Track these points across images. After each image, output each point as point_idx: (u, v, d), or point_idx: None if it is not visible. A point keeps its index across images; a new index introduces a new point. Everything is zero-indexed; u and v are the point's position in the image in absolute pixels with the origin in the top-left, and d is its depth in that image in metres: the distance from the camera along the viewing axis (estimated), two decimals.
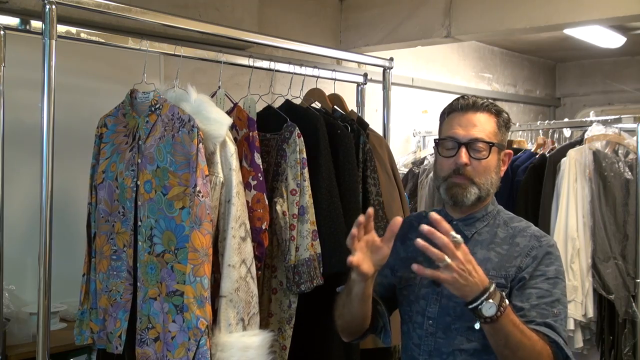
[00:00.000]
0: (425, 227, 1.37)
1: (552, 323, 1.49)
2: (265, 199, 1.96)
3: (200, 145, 1.78)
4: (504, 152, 1.67)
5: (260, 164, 1.97)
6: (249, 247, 1.86)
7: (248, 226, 1.87)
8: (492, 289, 1.39)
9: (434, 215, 1.40)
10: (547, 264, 1.56)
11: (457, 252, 1.37)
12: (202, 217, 1.75)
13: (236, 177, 1.85)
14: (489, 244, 1.62)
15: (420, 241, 1.37)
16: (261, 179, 1.95)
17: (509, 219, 1.68)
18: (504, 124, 1.67)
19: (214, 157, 1.84)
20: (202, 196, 1.76)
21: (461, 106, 1.65)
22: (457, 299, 1.53)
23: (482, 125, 1.62)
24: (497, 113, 1.66)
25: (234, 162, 1.85)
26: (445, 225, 1.38)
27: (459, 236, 1.38)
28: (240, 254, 1.83)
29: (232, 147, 1.86)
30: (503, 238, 1.62)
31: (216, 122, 1.83)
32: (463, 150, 1.60)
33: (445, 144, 1.64)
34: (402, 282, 1.72)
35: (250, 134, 1.98)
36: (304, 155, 2.06)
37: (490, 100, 1.69)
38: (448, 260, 1.35)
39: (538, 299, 1.52)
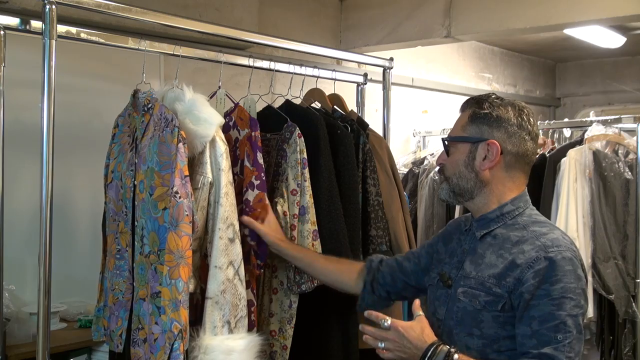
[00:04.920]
0: (366, 329, 1.54)
1: (550, 353, 1.40)
2: (266, 198, 1.96)
3: (181, 145, 1.75)
4: (486, 142, 1.56)
5: (263, 164, 1.96)
6: (237, 248, 1.84)
7: (237, 227, 1.85)
8: (431, 350, 1.45)
9: (369, 313, 1.55)
10: (553, 281, 1.43)
11: (389, 336, 1.49)
12: (178, 219, 1.73)
13: (225, 178, 1.83)
14: (499, 248, 1.54)
15: (363, 327, 1.55)
16: (263, 178, 1.95)
17: (531, 222, 1.56)
18: (483, 116, 1.57)
19: (203, 157, 1.82)
20: (180, 197, 1.73)
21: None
22: (461, 303, 1.55)
23: (455, 125, 1.63)
24: (475, 104, 1.59)
25: (224, 163, 1.83)
26: (375, 316, 1.52)
27: (387, 323, 1.49)
28: (227, 255, 1.81)
29: (222, 147, 1.84)
30: (515, 242, 1.52)
31: (205, 121, 1.82)
32: (441, 151, 1.67)
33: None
34: (429, 281, 1.74)
35: (253, 133, 1.97)
36: (305, 156, 2.06)
37: (480, 95, 1.62)
38: (382, 345, 1.50)
39: (540, 324, 1.42)
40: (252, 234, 1.93)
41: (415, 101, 4.84)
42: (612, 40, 4.64)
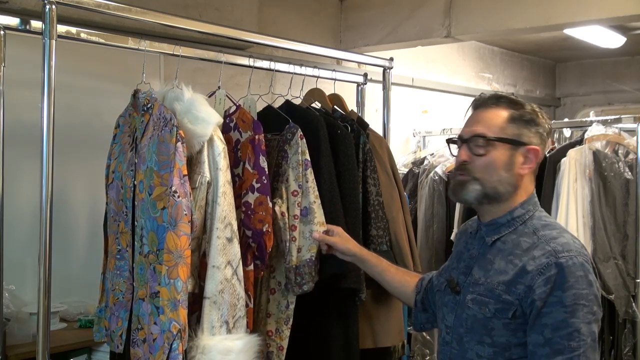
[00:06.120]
0: None
1: None
2: (269, 201, 1.95)
3: (179, 144, 1.75)
4: (527, 147, 1.53)
5: (266, 167, 1.95)
6: (235, 248, 1.83)
7: (235, 227, 1.84)
8: None
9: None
10: (565, 287, 1.40)
11: None
12: (177, 218, 1.73)
13: (223, 177, 1.82)
14: (509, 254, 1.50)
15: None
16: (265, 182, 1.94)
17: (541, 226, 1.52)
18: (521, 117, 1.53)
19: (201, 157, 1.82)
20: (178, 196, 1.73)
21: (474, 104, 1.60)
22: (470, 310, 1.52)
23: (487, 121, 1.54)
24: (513, 106, 1.55)
25: (221, 162, 1.83)
26: None
27: None
28: (225, 255, 1.80)
29: (220, 147, 1.83)
30: (525, 249, 1.48)
31: (203, 121, 1.82)
32: (463, 147, 1.56)
33: (456, 143, 1.62)
34: (437, 286, 1.73)
35: (257, 137, 1.96)
36: (307, 157, 2.05)
37: (509, 95, 1.58)
38: None
39: (553, 332, 1.39)
40: (254, 236, 1.92)
41: (415, 101, 4.84)
42: (612, 40, 4.64)
